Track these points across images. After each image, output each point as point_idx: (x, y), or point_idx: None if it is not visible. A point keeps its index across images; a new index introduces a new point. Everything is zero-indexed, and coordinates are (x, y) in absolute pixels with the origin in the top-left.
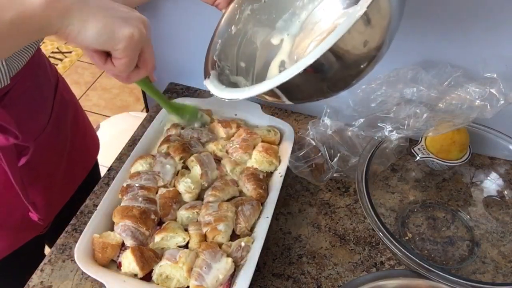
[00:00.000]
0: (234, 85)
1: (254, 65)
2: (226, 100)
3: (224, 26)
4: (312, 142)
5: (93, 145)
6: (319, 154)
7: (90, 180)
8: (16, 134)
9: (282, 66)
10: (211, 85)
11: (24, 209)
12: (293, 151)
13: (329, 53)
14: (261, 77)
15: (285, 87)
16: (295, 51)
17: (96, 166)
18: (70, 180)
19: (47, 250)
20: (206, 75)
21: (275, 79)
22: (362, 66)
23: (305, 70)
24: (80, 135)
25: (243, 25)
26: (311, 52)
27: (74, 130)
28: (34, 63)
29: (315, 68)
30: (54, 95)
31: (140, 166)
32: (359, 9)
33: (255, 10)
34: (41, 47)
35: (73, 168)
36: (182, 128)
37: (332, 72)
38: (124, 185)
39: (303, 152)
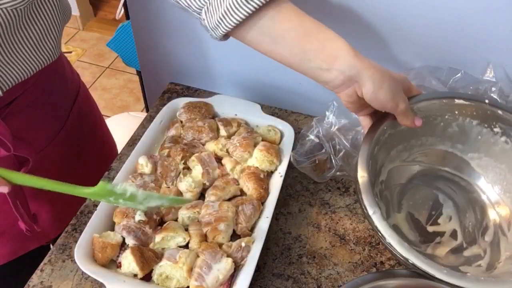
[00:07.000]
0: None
1: None
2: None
3: None
4: (316, 139)
5: (111, 153)
6: (322, 151)
7: None
8: (8, 146)
9: None
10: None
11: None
12: (295, 148)
13: None
14: None
15: None
16: None
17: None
18: None
19: None
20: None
21: None
22: None
23: None
24: (98, 145)
25: None
26: None
27: (90, 141)
28: (49, 75)
29: None
30: (72, 106)
31: (144, 162)
32: None
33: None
34: None
35: (87, 178)
36: (182, 127)
37: None
38: None
39: (306, 148)
